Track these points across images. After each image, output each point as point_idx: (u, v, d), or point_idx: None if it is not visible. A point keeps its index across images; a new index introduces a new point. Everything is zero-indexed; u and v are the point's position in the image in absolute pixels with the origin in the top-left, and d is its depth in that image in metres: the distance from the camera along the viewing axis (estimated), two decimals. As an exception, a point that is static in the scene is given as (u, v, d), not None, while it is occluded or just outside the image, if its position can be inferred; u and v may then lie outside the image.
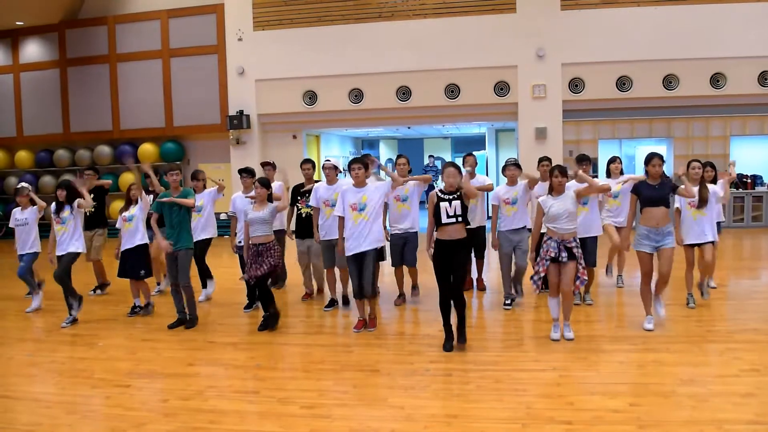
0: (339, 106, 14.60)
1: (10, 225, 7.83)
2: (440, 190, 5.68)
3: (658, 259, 5.95)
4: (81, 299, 7.15)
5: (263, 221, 6.42)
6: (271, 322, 6.52)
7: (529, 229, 6.79)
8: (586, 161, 7.18)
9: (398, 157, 7.51)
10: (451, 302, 5.64)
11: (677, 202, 6.72)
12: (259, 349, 6.01)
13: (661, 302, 6.14)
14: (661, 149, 14.35)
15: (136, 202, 7.38)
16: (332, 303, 7.43)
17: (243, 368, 5.49)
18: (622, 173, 7.74)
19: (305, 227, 7.57)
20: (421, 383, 4.94)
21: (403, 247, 7.31)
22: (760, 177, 13.86)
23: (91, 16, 15.86)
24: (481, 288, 8.03)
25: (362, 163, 6.36)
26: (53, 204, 7.26)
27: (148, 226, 7.37)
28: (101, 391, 5.03)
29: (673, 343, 5.63)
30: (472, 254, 7.53)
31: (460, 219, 5.54)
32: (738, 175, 13.74)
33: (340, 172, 7.27)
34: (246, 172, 7.82)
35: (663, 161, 6.02)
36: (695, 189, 6.51)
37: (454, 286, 5.59)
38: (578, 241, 5.86)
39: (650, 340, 5.76)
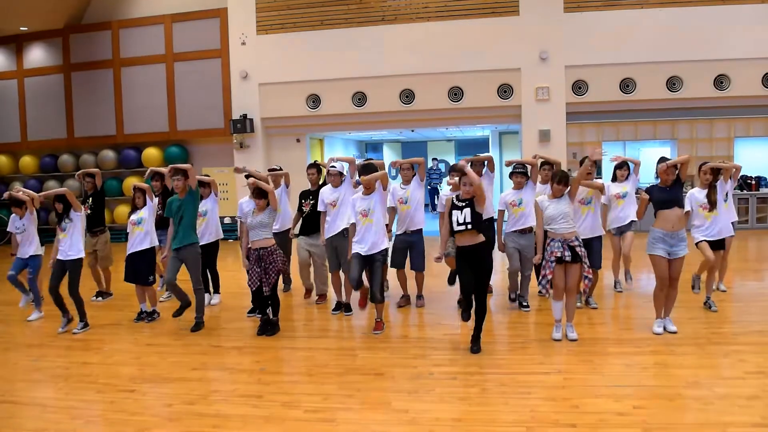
0: (342, 110, 14.61)
1: (9, 229, 7.68)
2: (456, 197, 5.68)
3: (668, 267, 5.90)
4: (71, 320, 7.07)
5: (263, 225, 6.41)
6: (269, 332, 6.54)
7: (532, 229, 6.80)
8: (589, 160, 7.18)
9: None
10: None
11: (688, 205, 6.72)
12: (264, 353, 6.01)
13: (670, 321, 6.09)
14: (665, 151, 14.32)
15: (143, 206, 7.37)
16: (339, 306, 7.43)
17: (247, 372, 5.49)
18: (628, 179, 7.75)
19: (308, 225, 7.64)
20: (425, 387, 4.93)
21: (408, 251, 7.32)
22: (765, 178, 13.80)
23: (95, 21, 15.92)
24: (488, 290, 7.99)
25: (372, 171, 6.46)
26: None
27: (157, 228, 7.41)
28: (106, 396, 5.04)
29: (678, 346, 5.61)
30: None
31: (469, 227, 5.53)
32: (742, 176, 13.70)
33: (344, 177, 7.30)
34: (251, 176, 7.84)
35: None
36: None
37: (478, 290, 5.62)
38: (581, 240, 5.87)
39: (655, 342, 5.75)
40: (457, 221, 5.56)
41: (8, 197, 7.70)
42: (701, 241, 6.83)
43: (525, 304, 7.17)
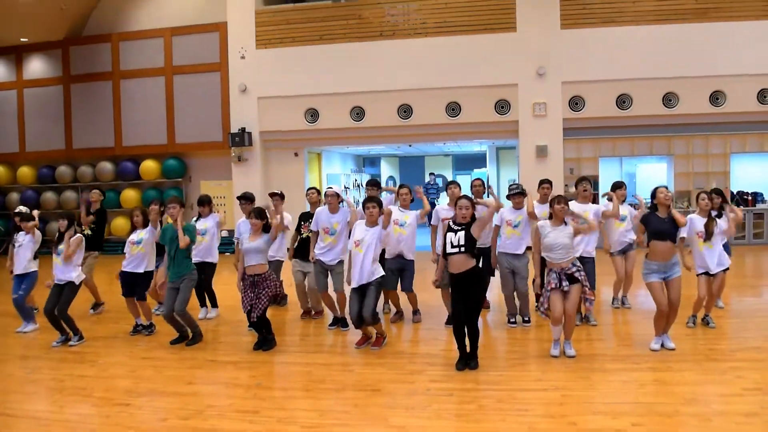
0: (340, 124, 14.65)
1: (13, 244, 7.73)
2: (453, 221, 5.67)
3: (666, 289, 5.91)
4: (68, 339, 7.00)
5: (258, 250, 6.36)
6: (266, 347, 6.51)
7: (529, 248, 6.77)
8: (586, 181, 7.19)
9: (400, 186, 7.53)
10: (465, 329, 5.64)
11: (683, 232, 6.55)
12: (260, 368, 5.98)
13: (668, 338, 6.09)
14: (662, 167, 14.41)
15: (143, 227, 7.34)
16: (335, 321, 7.39)
17: (243, 387, 5.46)
18: (626, 202, 7.72)
19: (304, 249, 7.57)
20: (422, 403, 4.90)
21: (400, 273, 7.30)
22: (761, 194, 13.86)
23: (95, 34, 16.00)
24: (486, 306, 7.98)
25: (377, 203, 6.38)
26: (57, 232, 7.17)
27: (158, 254, 7.33)
28: (101, 410, 5.00)
29: (676, 362, 5.60)
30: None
31: (462, 249, 5.51)
32: (738, 192, 13.77)
33: (342, 200, 7.26)
34: (245, 199, 7.83)
35: (668, 191, 6.06)
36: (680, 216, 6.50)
37: (468, 319, 5.58)
38: (579, 265, 5.88)
39: (652, 359, 5.74)
40: (451, 243, 5.55)
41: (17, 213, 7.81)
42: (701, 274, 6.67)
43: (526, 318, 7.16)
